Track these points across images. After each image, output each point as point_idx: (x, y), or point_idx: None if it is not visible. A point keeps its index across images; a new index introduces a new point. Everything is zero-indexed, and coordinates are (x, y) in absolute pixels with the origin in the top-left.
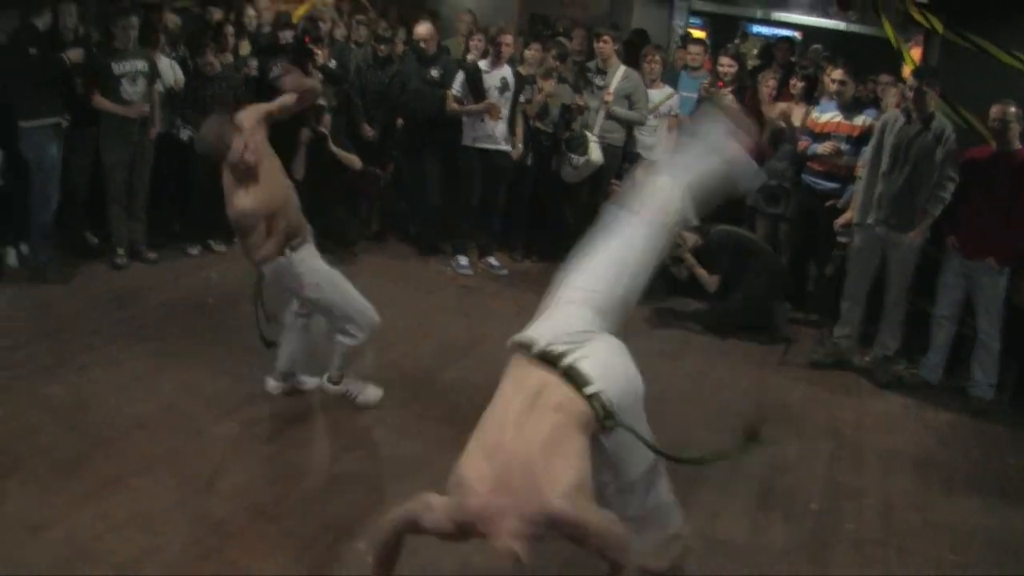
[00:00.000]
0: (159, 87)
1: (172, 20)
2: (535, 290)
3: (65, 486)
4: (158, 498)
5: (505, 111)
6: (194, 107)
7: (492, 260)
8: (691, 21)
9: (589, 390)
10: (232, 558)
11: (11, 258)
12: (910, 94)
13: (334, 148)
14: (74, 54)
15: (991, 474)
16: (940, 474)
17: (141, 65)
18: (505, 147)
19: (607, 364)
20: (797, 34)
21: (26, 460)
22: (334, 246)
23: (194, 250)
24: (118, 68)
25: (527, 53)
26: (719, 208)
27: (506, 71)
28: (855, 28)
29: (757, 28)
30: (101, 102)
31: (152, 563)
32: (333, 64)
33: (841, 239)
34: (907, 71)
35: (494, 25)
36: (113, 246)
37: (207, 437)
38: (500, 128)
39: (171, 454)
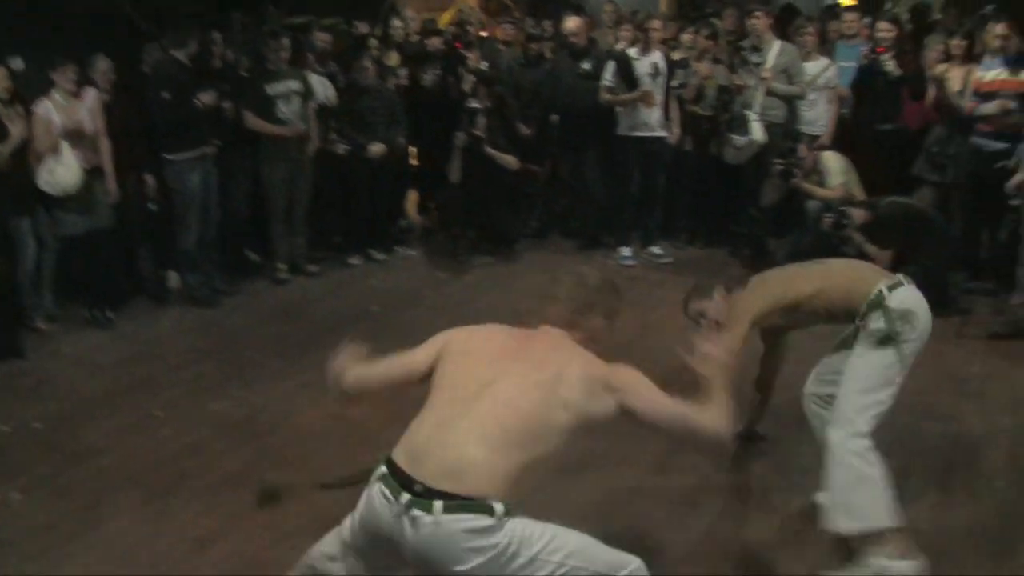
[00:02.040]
0: (313, 104)
1: (321, 38)
2: (700, 277)
3: (233, 498)
4: (328, 507)
5: (659, 96)
6: (348, 121)
7: (655, 249)
8: None
9: None
10: None
11: (172, 280)
12: None
13: (489, 150)
14: (207, 98)
15: None
16: None
17: (295, 85)
18: (661, 133)
19: None
20: None
21: (194, 475)
22: (495, 246)
23: (355, 260)
24: (272, 89)
25: (684, 37)
26: (885, 182)
27: (656, 56)
28: None
29: None
30: (257, 123)
31: None
32: (484, 66)
33: (1014, 202)
34: None
35: (641, 12)
36: (274, 262)
37: (378, 443)
38: (655, 115)
39: (341, 463)
